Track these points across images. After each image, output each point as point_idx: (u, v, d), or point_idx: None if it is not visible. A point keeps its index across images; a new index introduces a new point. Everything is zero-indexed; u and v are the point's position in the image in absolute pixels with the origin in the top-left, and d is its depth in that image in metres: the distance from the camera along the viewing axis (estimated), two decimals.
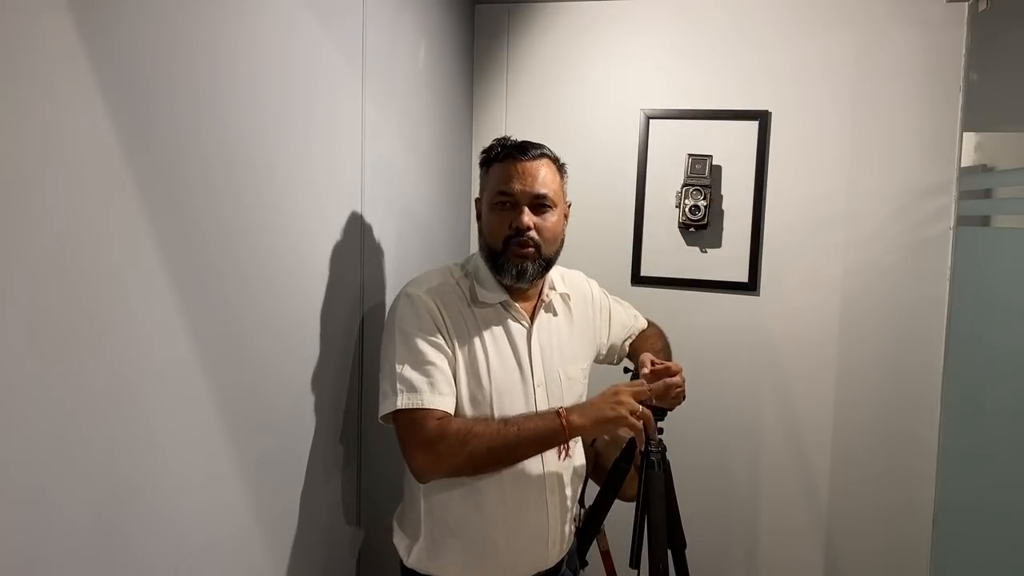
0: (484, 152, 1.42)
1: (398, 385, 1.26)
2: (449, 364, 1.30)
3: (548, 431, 1.26)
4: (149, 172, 0.95)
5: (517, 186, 1.33)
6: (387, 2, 1.60)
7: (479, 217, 1.43)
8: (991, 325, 2.21)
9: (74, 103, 0.84)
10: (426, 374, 1.27)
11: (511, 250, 1.33)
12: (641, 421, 1.27)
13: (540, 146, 1.38)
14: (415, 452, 1.26)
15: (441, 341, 1.30)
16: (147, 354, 0.96)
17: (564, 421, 1.25)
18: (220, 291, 1.10)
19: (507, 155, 1.36)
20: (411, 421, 1.26)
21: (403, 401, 1.25)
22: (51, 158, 0.81)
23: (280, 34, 1.22)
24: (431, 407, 1.25)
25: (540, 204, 1.34)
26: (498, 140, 1.41)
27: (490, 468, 1.30)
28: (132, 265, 0.93)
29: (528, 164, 1.34)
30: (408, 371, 1.27)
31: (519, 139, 1.40)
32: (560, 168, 1.40)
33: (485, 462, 1.27)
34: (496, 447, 1.25)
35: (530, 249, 1.33)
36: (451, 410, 1.28)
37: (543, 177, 1.34)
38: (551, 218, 1.36)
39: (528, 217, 1.32)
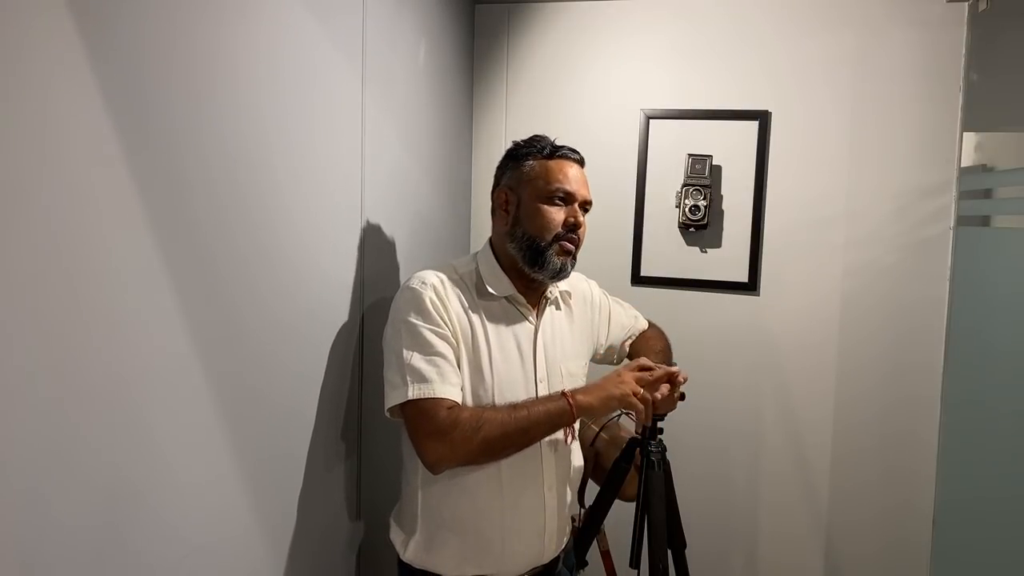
0: (524, 144, 1.43)
1: (407, 376, 1.26)
2: (455, 354, 1.31)
3: (556, 412, 1.29)
4: (148, 171, 0.95)
5: (576, 187, 1.39)
6: (387, 1, 1.60)
7: (506, 207, 1.41)
8: (991, 325, 2.21)
9: (72, 101, 0.84)
10: (434, 364, 1.27)
11: (558, 245, 1.37)
12: (643, 403, 1.32)
13: None
14: (427, 442, 1.25)
15: (446, 332, 1.31)
16: (146, 353, 0.96)
17: (571, 400, 1.29)
18: (219, 290, 1.10)
19: (562, 155, 1.41)
20: (422, 411, 1.25)
21: (414, 392, 1.25)
22: (49, 157, 0.81)
23: (280, 33, 1.22)
24: (442, 396, 1.25)
25: (584, 209, 1.42)
26: (538, 136, 1.44)
27: (503, 453, 1.31)
28: (131, 264, 0.93)
29: (578, 168, 1.43)
30: (417, 361, 1.27)
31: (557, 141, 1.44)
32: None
33: (498, 447, 1.28)
34: (509, 432, 1.26)
35: (574, 248, 1.39)
36: (460, 399, 1.29)
37: (587, 183, 1.43)
38: (585, 223, 1.43)
39: (582, 216, 1.41)
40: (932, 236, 1.98)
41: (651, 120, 2.15)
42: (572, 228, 1.38)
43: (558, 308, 1.47)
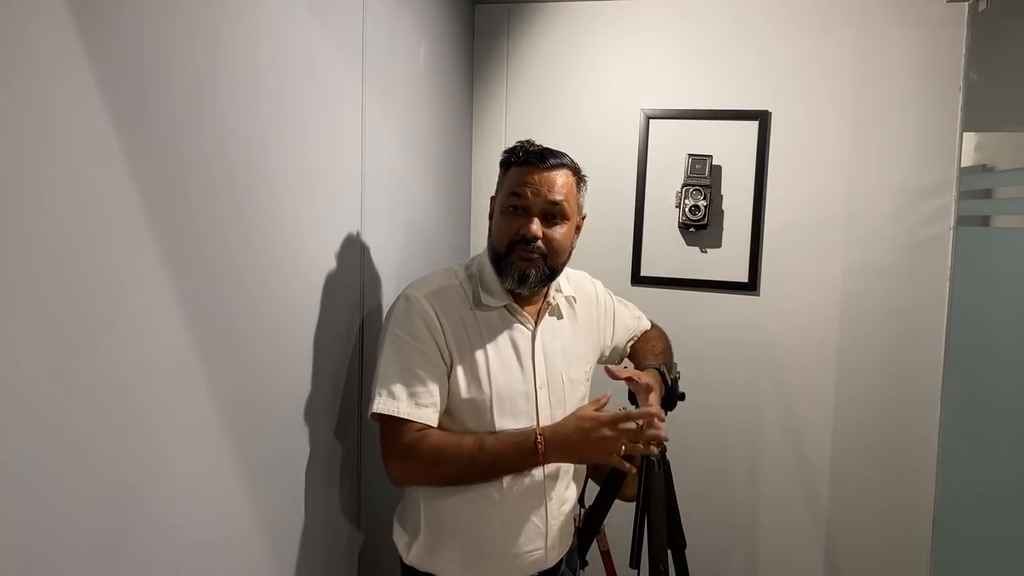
0: (506, 152, 1.39)
1: (380, 388, 1.28)
2: (437, 374, 1.30)
3: (522, 464, 1.29)
4: (147, 172, 0.95)
5: (530, 194, 1.31)
6: (387, 2, 1.60)
7: (491, 216, 1.42)
8: (991, 325, 2.20)
9: (72, 102, 0.84)
10: (408, 384, 1.28)
11: (516, 254, 1.32)
12: (633, 444, 1.24)
13: (561, 155, 1.36)
14: (389, 460, 1.30)
15: (432, 351, 1.30)
16: (147, 354, 0.96)
17: (541, 458, 1.27)
18: (219, 291, 1.10)
19: (526, 161, 1.34)
20: (389, 428, 1.29)
21: (380, 405, 1.27)
22: (49, 158, 0.81)
23: (279, 33, 1.22)
24: (409, 418, 1.26)
25: (552, 214, 1.33)
26: (522, 143, 1.38)
27: (463, 485, 1.32)
28: (131, 265, 0.93)
29: (545, 173, 1.32)
30: (392, 377, 1.28)
31: (543, 145, 1.37)
32: (580, 180, 1.39)
33: (457, 482, 1.32)
34: (466, 474, 1.29)
35: (535, 256, 1.32)
36: (432, 422, 1.29)
37: (558, 186, 1.32)
38: (560, 229, 1.34)
39: (537, 226, 1.31)
40: (932, 236, 1.98)
41: (651, 120, 2.15)
42: (522, 239, 1.30)
43: (560, 315, 1.46)
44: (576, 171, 1.38)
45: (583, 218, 1.43)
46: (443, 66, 1.99)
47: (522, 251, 1.31)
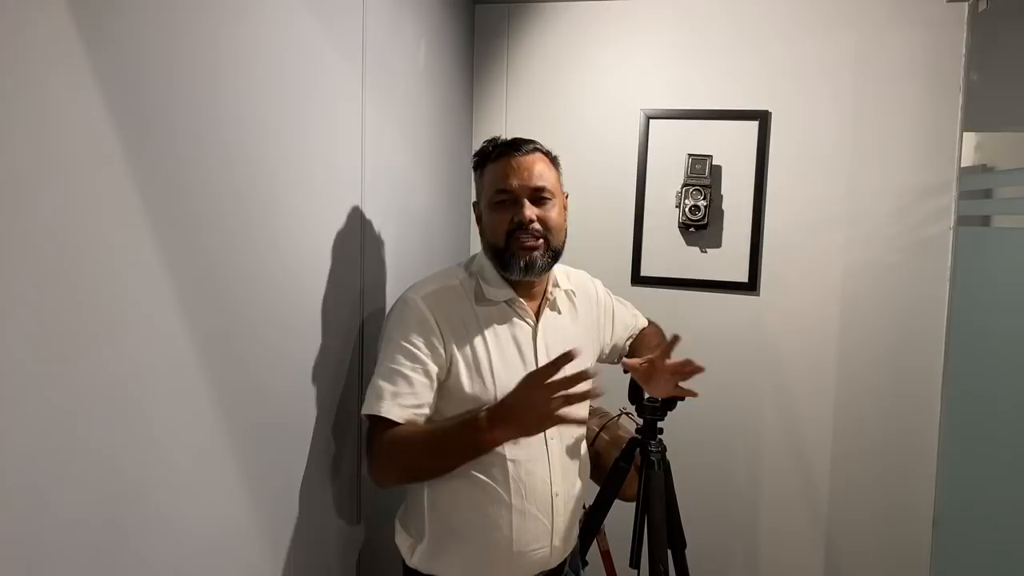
0: (476, 155, 1.42)
1: (369, 389, 1.30)
2: (426, 377, 1.29)
3: (468, 438, 1.25)
4: (148, 173, 0.95)
5: (515, 182, 1.33)
6: (387, 2, 1.61)
7: (479, 220, 1.43)
8: (991, 325, 2.21)
9: (73, 101, 0.84)
10: (393, 383, 1.28)
11: (515, 243, 1.33)
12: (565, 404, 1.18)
13: (531, 141, 1.39)
14: (368, 459, 1.31)
15: (424, 353, 1.30)
16: (147, 354, 0.96)
17: (486, 431, 1.22)
18: (219, 291, 1.10)
19: (501, 153, 1.36)
20: (369, 428, 1.30)
21: (365, 406, 1.29)
22: (49, 156, 0.81)
23: (280, 33, 1.22)
24: (388, 417, 1.26)
25: (540, 197, 1.35)
26: (488, 141, 1.41)
27: (432, 475, 1.31)
28: (131, 265, 0.93)
29: (523, 159, 1.35)
30: (379, 378, 1.29)
31: (510, 138, 1.40)
32: (554, 161, 1.42)
33: (419, 471, 1.31)
34: (423, 459, 1.28)
35: (538, 240, 1.33)
36: (412, 420, 1.29)
37: (539, 170, 1.35)
38: (552, 210, 1.36)
39: (530, 210, 1.33)
40: (932, 236, 1.98)
41: (651, 120, 2.15)
42: (519, 226, 1.32)
43: (560, 312, 1.46)
44: (548, 153, 1.41)
45: (566, 196, 1.45)
46: (443, 66, 1.99)
47: (521, 236, 1.32)
